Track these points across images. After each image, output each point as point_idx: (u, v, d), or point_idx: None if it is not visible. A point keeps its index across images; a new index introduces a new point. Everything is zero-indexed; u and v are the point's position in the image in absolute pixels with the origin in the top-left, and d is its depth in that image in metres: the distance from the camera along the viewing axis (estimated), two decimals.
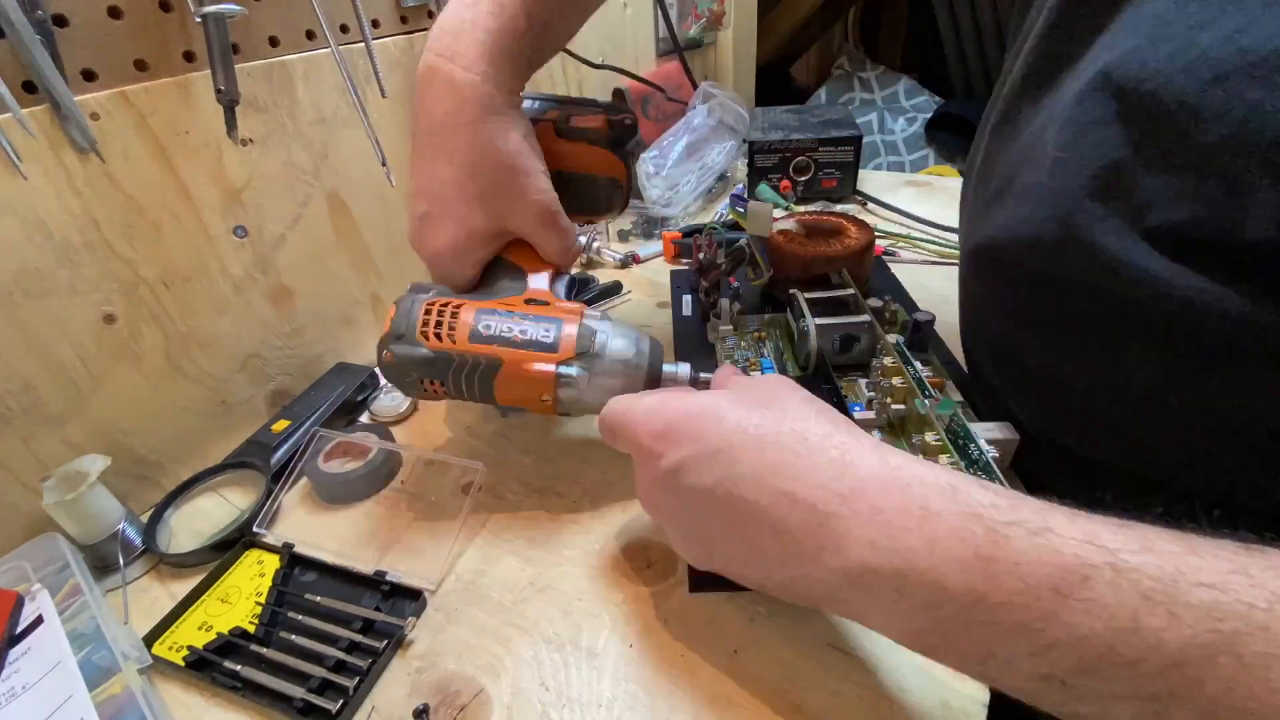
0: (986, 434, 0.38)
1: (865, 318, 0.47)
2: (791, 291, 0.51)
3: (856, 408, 0.41)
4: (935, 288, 0.62)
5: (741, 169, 0.89)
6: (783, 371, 0.50)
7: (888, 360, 0.42)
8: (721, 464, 0.27)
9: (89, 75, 0.38)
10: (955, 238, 0.66)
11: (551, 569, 0.38)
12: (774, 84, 1.47)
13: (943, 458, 0.36)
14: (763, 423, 0.28)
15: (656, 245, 0.75)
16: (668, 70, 0.87)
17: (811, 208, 0.80)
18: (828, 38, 1.71)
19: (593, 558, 0.39)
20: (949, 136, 1.36)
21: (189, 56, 0.42)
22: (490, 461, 0.47)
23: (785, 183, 0.80)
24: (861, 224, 0.58)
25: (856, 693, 0.31)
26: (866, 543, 0.23)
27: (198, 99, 0.42)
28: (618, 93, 0.80)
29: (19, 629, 0.34)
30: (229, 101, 0.42)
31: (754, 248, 0.57)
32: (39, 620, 0.34)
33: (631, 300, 0.66)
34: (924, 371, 0.43)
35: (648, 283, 0.69)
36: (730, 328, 0.53)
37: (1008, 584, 0.20)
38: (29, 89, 0.36)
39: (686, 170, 0.80)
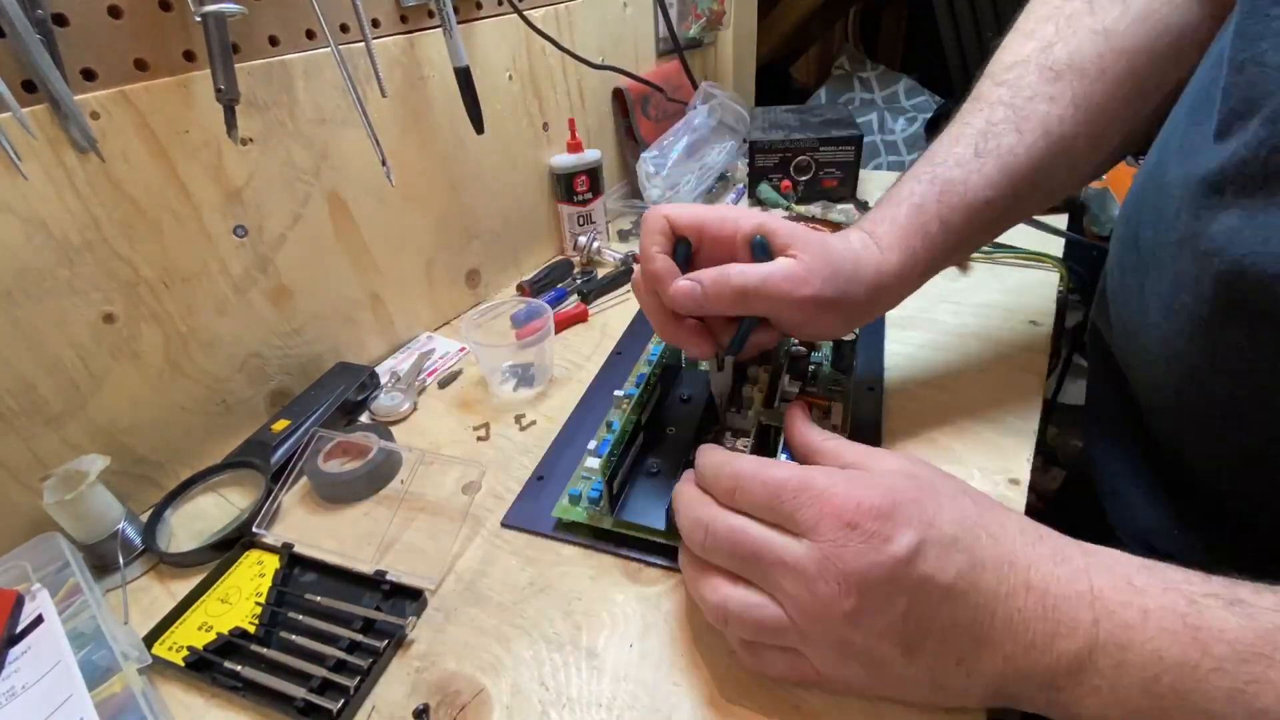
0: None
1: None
2: None
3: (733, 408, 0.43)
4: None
5: (742, 169, 0.89)
6: (692, 363, 0.52)
7: (762, 369, 0.44)
8: (963, 552, 0.25)
9: (89, 74, 0.38)
10: None
11: (551, 569, 0.38)
12: (774, 84, 1.47)
13: None
14: (974, 508, 0.27)
15: None
16: (668, 70, 0.87)
17: (812, 208, 0.80)
18: (828, 37, 1.71)
19: (592, 557, 0.39)
20: None
21: (189, 56, 0.42)
22: (490, 462, 0.47)
23: (786, 183, 0.80)
24: None
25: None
26: (1091, 622, 0.23)
27: (198, 98, 0.42)
28: (618, 92, 0.80)
29: (19, 628, 0.34)
30: (229, 101, 0.42)
31: None
32: (39, 620, 0.34)
33: (630, 300, 0.66)
34: (811, 388, 0.46)
35: None
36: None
37: (1217, 650, 0.21)
38: (29, 88, 0.36)
39: (687, 170, 0.80)
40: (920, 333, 0.55)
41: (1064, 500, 0.61)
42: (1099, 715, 0.24)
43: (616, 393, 0.47)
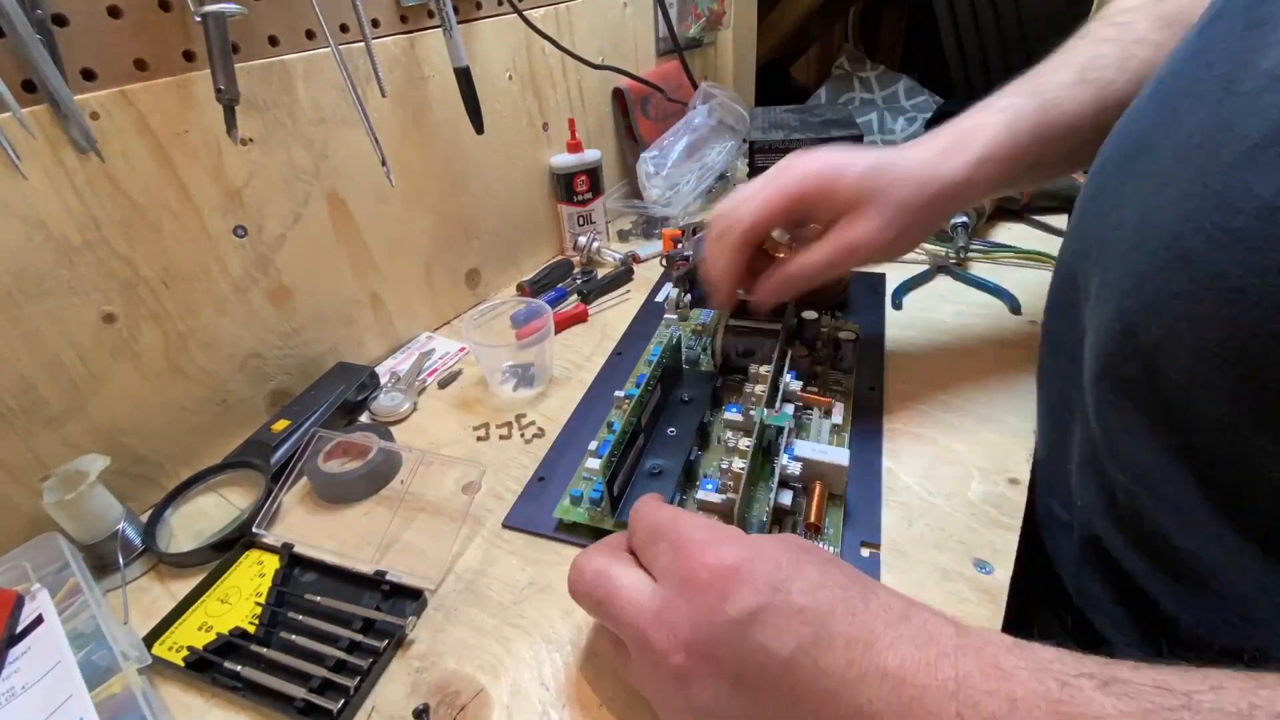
0: (818, 453, 0.39)
1: (774, 327, 0.48)
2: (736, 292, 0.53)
3: (733, 409, 0.42)
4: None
5: (742, 169, 0.89)
6: (692, 363, 0.53)
7: (763, 368, 0.43)
8: (807, 624, 0.23)
9: (89, 75, 0.38)
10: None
11: (551, 569, 0.38)
12: (774, 83, 1.46)
13: (738, 461, 0.37)
14: (840, 578, 0.24)
15: (656, 245, 0.75)
16: (667, 70, 0.87)
17: None
18: (828, 37, 1.71)
19: None
20: None
21: (189, 56, 0.42)
22: (490, 461, 0.47)
23: None
24: None
25: None
26: (953, 715, 0.21)
27: (197, 98, 0.42)
28: (618, 92, 0.80)
29: (19, 628, 0.34)
30: (229, 101, 0.41)
31: None
32: (39, 620, 0.34)
33: (630, 299, 0.66)
34: (812, 388, 0.47)
35: (648, 282, 0.69)
36: (675, 316, 0.55)
37: None
38: (29, 88, 0.36)
39: (687, 170, 0.80)
40: (921, 332, 0.55)
41: None
42: None
43: (617, 393, 0.47)
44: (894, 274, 0.64)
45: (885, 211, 0.39)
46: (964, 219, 0.65)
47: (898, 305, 0.59)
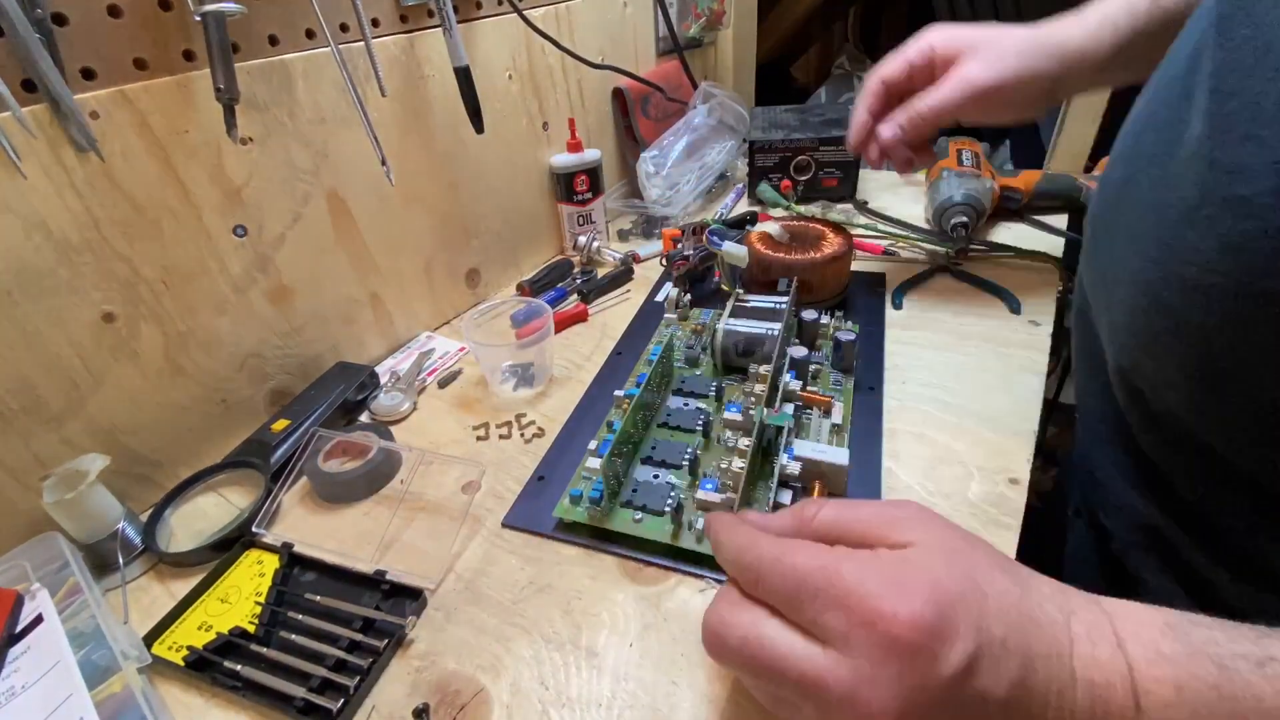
0: (817, 453, 0.39)
1: (774, 326, 0.48)
2: (736, 291, 0.53)
3: (733, 408, 0.43)
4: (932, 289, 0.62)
5: (741, 168, 0.89)
6: (693, 363, 0.53)
7: (762, 368, 0.43)
8: (1014, 654, 0.22)
9: (88, 74, 0.38)
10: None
11: (551, 568, 0.38)
12: (774, 83, 1.46)
13: (737, 461, 0.37)
14: (1012, 586, 0.24)
15: (656, 245, 0.75)
16: (667, 70, 0.87)
17: (812, 208, 0.80)
18: (828, 37, 1.71)
19: (592, 557, 0.39)
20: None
21: (188, 55, 0.42)
22: (490, 461, 0.47)
23: (786, 182, 0.80)
24: (844, 233, 0.59)
25: None
26: (1134, 709, 0.21)
27: (197, 98, 0.42)
28: (617, 92, 0.80)
29: (19, 628, 0.34)
30: (228, 100, 0.41)
31: (725, 267, 0.60)
32: (39, 619, 0.34)
33: (630, 299, 0.66)
34: (812, 388, 0.46)
35: (648, 282, 0.69)
36: (675, 316, 0.56)
37: None
38: (28, 88, 0.36)
39: (686, 170, 0.80)
40: (920, 333, 0.55)
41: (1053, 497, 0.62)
42: None
43: (617, 393, 0.47)
44: (894, 274, 0.64)
45: (1000, 52, 0.45)
46: (963, 219, 0.65)
47: (898, 306, 0.59)
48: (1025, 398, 0.47)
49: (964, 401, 0.47)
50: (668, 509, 0.39)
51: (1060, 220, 0.71)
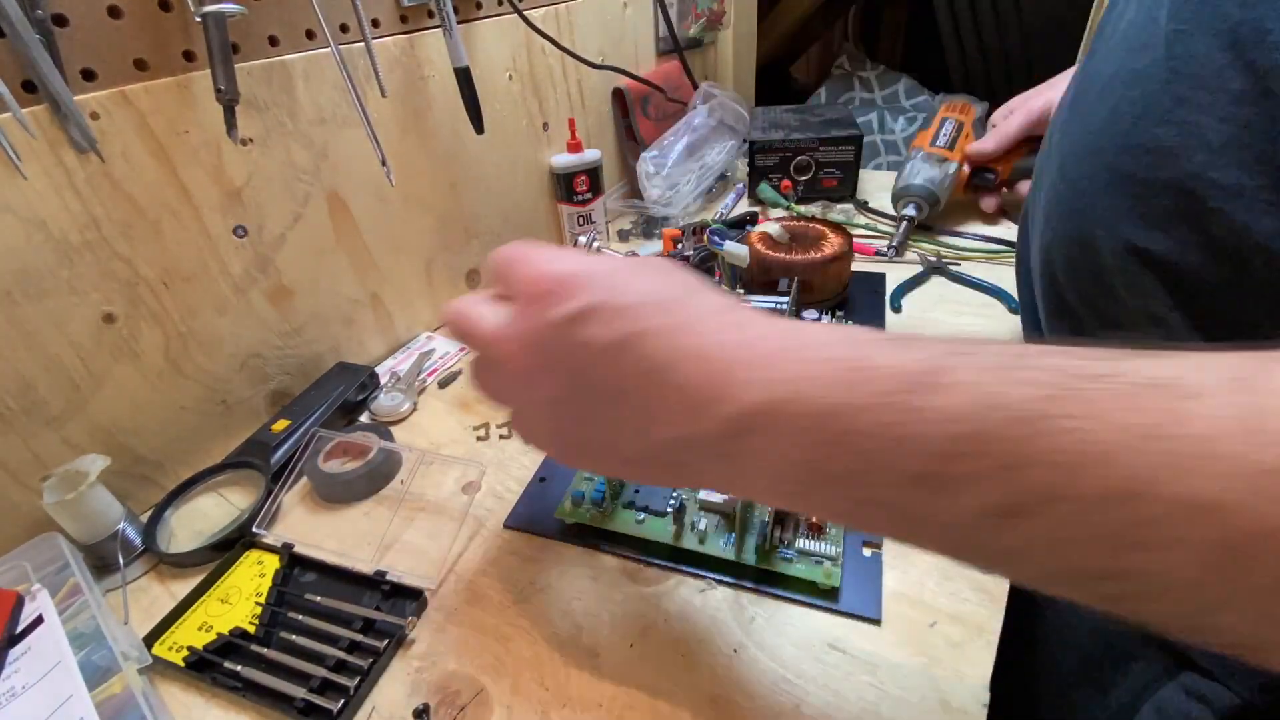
0: None
1: None
2: (737, 292, 0.54)
3: None
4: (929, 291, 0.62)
5: (742, 168, 0.89)
6: None
7: None
8: (629, 319, 0.24)
9: (89, 75, 0.38)
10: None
11: (551, 568, 0.38)
12: (774, 83, 1.46)
13: None
14: (679, 289, 0.25)
15: (656, 245, 0.75)
16: (668, 70, 0.87)
17: (812, 208, 0.80)
18: (828, 37, 1.71)
19: (593, 557, 0.39)
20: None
21: (189, 56, 0.42)
22: (491, 461, 0.47)
23: (786, 182, 0.80)
24: (844, 233, 0.59)
25: (857, 693, 0.31)
26: (761, 382, 0.21)
27: (198, 98, 0.42)
28: (617, 92, 0.80)
29: (19, 629, 0.34)
30: (229, 101, 0.41)
31: (725, 268, 0.60)
32: (39, 620, 0.34)
33: None
34: None
35: None
36: None
37: (866, 388, 0.19)
38: (29, 88, 0.36)
39: (686, 170, 0.80)
40: (923, 333, 0.55)
41: None
42: (760, 479, 0.22)
43: None
44: (892, 276, 0.64)
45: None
46: (911, 211, 0.66)
47: (896, 308, 0.59)
48: None
49: None
50: (670, 510, 0.39)
51: None
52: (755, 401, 0.21)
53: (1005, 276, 0.62)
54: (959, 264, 0.65)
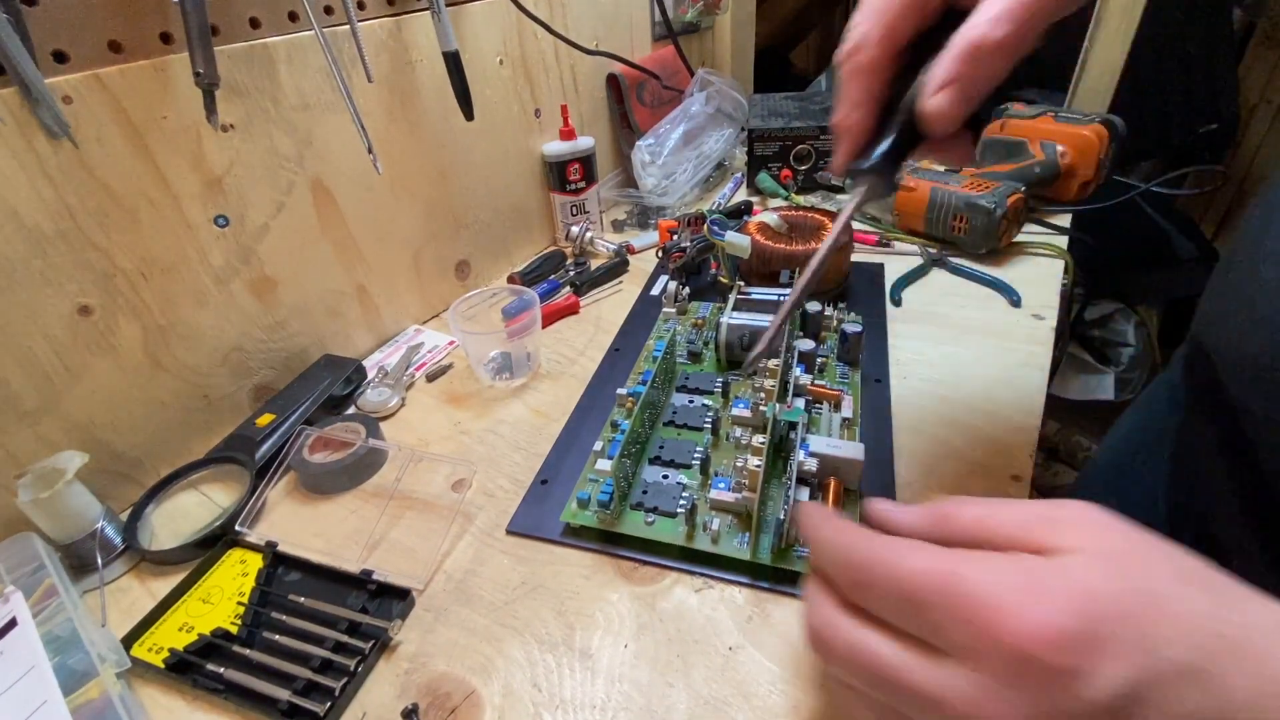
0: (833, 448, 0.37)
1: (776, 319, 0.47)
2: (737, 284, 0.52)
3: (741, 404, 0.42)
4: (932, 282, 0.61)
5: (740, 157, 0.87)
6: (695, 359, 0.51)
7: (772, 363, 0.42)
8: (1202, 688, 0.17)
9: (60, 57, 0.36)
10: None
11: (543, 568, 0.38)
12: (773, 70, 1.44)
13: (753, 460, 0.36)
14: (1207, 603, 0.19)
15: (652, 235, 0.74)
16: (664, 56, 0.86)
17: (812, 198, 0.79)
18: (827, 23, 1.69)
19: (586, 556, 0.38)
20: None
21: (166, 38, 0.40)
22: (481, 458, 0.46)
23: (785, 172, 0.79)
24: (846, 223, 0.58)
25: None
26: None
27: (175, 82, 0.41)
28: (612, 79, 0.79)
29: None
30: (208, 85, 0.40)
31: (725, 259, 0.59)
32: (12, 623, 0.33)
33: (625, 291, 0.65)
34: (820, 381, 0.45)
35: (643, 274, 0.68)
36: (673, 310, 0.55)
37: None
38: None
39: (683, 159, 0.79)
40: (924, 327, 0.55)
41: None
42: None
43: (620, 390, 0.46)
44: (891, 268, 0.63)
45: None
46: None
47: (896, 301, 0.58)
48: (1028, 393, 0.46)
49: (966, 397, 0.46)
50: (680, 510, 0.38)
51: (1063, 219, 0.70)
52: None
53: (1004, 270, 0.61)
54: (958, 257, 0.64)
